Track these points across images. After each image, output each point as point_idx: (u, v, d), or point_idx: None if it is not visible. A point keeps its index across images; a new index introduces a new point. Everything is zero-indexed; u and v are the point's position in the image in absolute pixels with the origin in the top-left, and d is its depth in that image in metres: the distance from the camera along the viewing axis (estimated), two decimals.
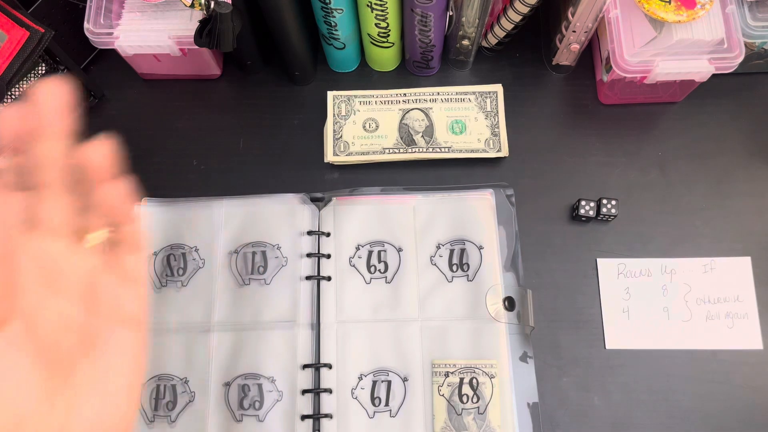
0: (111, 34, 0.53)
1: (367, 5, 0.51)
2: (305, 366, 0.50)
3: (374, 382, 0.50)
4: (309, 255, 0.53)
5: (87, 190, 0.32)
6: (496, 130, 0.57)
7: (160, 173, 0.58)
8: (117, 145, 0.33)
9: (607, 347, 0.52)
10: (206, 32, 0.48)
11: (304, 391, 0.50)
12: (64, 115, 0.30)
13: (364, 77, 0.61)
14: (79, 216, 0.31)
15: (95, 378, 0.30)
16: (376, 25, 0.53)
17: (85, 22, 0.53)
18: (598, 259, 0.54)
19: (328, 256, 0.53)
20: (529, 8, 0.53)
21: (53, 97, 0.29)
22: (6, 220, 0.28)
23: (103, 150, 0.33)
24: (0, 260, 0.27)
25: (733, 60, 0.50)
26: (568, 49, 0.56)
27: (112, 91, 0.61)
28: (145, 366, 0.32)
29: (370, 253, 0.54)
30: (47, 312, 0.29)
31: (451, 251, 0.53)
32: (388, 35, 0.55)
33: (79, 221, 0.31)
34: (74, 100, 0.30)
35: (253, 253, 0.53)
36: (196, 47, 0.49)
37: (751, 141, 0.57)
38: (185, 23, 0.53)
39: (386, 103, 0.58)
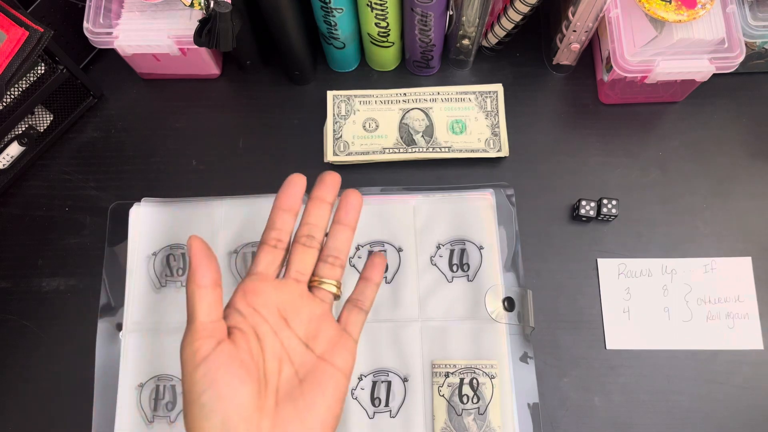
0: (110, 33, 0.53)
1: (367, 5, 0.51)
2: None
3: (374, 383, 0.50)
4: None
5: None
6: (496, 129, 0.57)
7: (160, 173, 0.58)
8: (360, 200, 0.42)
9: (607, 347, 0.52)
10: (206, 32, 0.48)
11: None
12: (335, 188, 0.41)
13: (364, 77, 0.61)
14: (320, 264, 0.40)
15: (300, 409, 0.35)
16: (376, 24, 0.53)
17: (85, 22, 0.53)
18: (599, 259, 0.54)
19: None
20: (529, 8, 0.53)
21: (331, 176, 0.40)
22: (267, 269, 0.38)
23: (357, 202, 0.41)
24: (253, 294, 0.37)
25: (734, 60, 0.50)
26: (569, 48, 0.56)
27: (111, 90, 0.61)
28: (342, 410, 0.37)
29: (370, 252, 0.54)
30: (276, 341, 0.36)
31: (452, 251, 0.53)
32: (388, 35, 0.55)
33: (321, 270, 0.40)
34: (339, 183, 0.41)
35: (253, 253, 0.53)
36: (196, 47, 0.49)
37: (752, 141, 0.57)
38: (185, 23, 0.53)
39: (386, 102, 0.58)
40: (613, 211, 0.54)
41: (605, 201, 0.54)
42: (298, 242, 0.39)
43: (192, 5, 0.46)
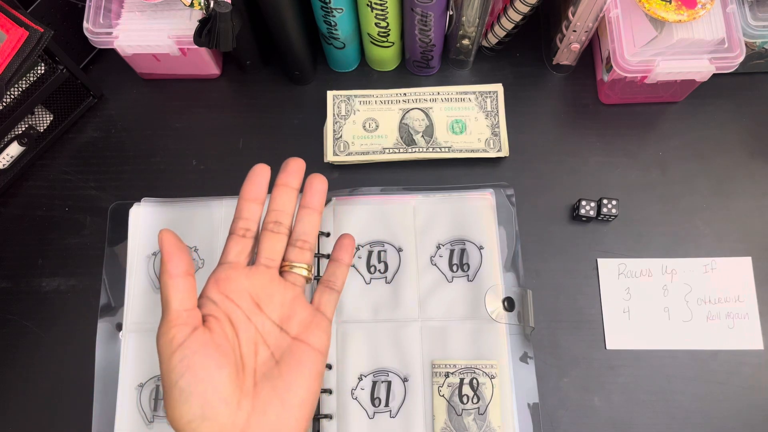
0: (110, 33, 0.53)
1: (367, 5, 0.51)
2: None
3: (374, 383, 0.50)
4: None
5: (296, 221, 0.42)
6: (496, 129, 0.57)
7: (160, 173, 0.58)
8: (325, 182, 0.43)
9: (607, 347, 0.52)
10: (206, 32, 0.48)
11: None
12: (300, 174, 0.42)
13: (364, 77, 0.61)
14: (289, 249, 0.41)
15: (278, 389, 0.36)
16: (376, 24, 0.53)
17: (85, 22, 0.53)
18: (599, 259, 0.54)
19: (328, 256, 0.53)
20: (529, 8, 0.53)
21: (294, 162, 0.42)
22: (237, 257, 0.39)
23: (321, 186, 0.43)
24: (225, 281, 0.38)
25: (734, 60, 0.50)
26: (569, 48, 0.56)
27: (111, 90, 0.61)
28: (320, 388, 0.38)
29: (370, 253, 0.54)
30: (250, 326, 0.37)
31: (452, 251, 0.53)
32: (388, 35, 0.55)
33: (290, 255, 0.41)
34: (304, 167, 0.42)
35: None
36: (196, 47, 0.49)
37: (752, 141, 0.57)
38: (185, 23, 0.53)
39: (386, 102, 0.58)
40: (613, 211, 0.54)
41: (605, 201, 0.54)
42: (266, 229, 0.41)
43: (192, 5, 0.46)
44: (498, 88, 0.58)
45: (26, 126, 0.57)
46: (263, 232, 0.41)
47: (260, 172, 0.41)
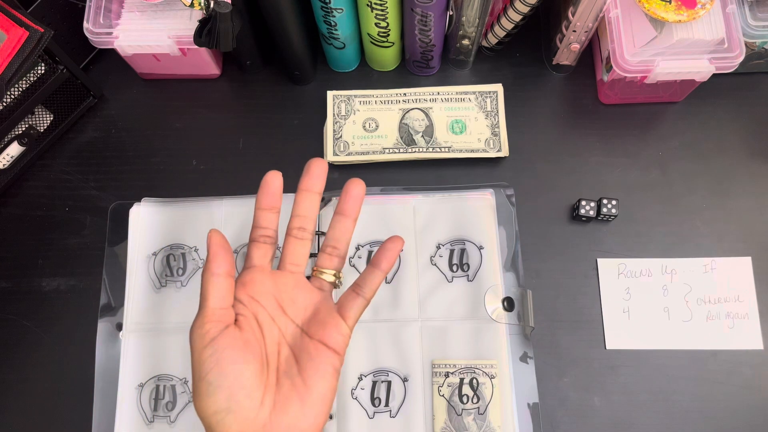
0: (110, 33, 0.53)
1: (367, 5, 0.51)
2: None
3: (374, 383, 0.50)
4: (309, 255, 0.53)
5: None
6: (496, 129, 0.57)
7: (160, 173, 0.58)
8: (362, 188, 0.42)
9: (607, 347, 0.52)
10: (206, 32, 0.48)
11: None
12: (322, 177, 0.42)
13: (364, 77, 0.61)
14: (320, 254, 0.42)
15: (298, 387, 0.37)
16: (376, 24, 0.53)
17: (85, 22, 0.53)
18: (599, 259, 0.54)
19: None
20: (529, 8, 0.53)
21: (317, 165, 0.41)
22: (261, 261, 0.40)
23: (359, 192, 0.42)
24: (251, 284, 0.39)
25: (734, 60, 0.50)
26: (569, 48, 0.56)
27: (111, 90, 0.61)
28: (336, 387, 0.39)
29: (370, 253, 0.54)
30: (275, 327, 0.39)
31: (451, 251, 0.53)
32: (388, 35, 0.55)
33: (320, 260, 0.42)
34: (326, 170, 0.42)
35: None
36: (196, 47, 0.49)
37: (752, 140, 0.57)
38: (185, 23, 0.53)
39: (386, 102, 0.58)
40: (613, 211, 0.54)
41: (605, 201, 0.54)
42: (290, 235, 0.41)
43: (192, 5, 0.46)
44: (498, 88, 0.58)
45: (26, 126, 0.57)
46: (287, 237, 0.41)
47: (273, 180, 0.41)
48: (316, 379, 0.37)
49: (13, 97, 0.52)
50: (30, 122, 0.57)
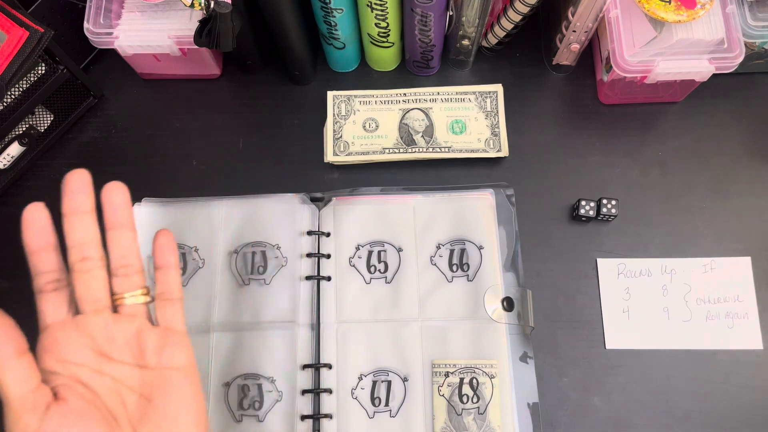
0: (111, 33, 0.53)
1: (367, 5, 0.51)
2: (305, 366, 0.50)
3: (374, 382, 0.50)
4: (309, 255, 0.53)
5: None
6: (496, 130, 0.57)
7: (160, 173, 0.58)
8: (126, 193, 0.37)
9: (607, 347, 0.52)
10: (206, 32, 0.48)
11: (304, 392, 0.50)
12: (86, 191, 0.36)
13: (364, 77, 0.61)
14: (113, 281, 0.36)
15: (161, 425, 0.34)
16: (376, 24, 0.53)
17: (85, 22, 0.53)
18: (598, 259, 0.54)
19: (328, 256, 0.53)
20: (529, 8, 0.53)
21: (73, 179, 0.36)
22: (56, 317, 0.34)
23: (120, 198, 0.37)
24: (55, 347, 0.33)
25: (734, 60, 0.50)
26: (569, 48, 0.56)
27: (111, 91, 0.61)
28: (203, 400, 0.36)
29: (370, 253, 0.54)
30: (105, 378, 0.34)
31: (451, 251, 0.53)
32: (388, 35, 0.55)
33: (116, 287, 0.36)
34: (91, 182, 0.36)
35: (253, 253, 0.53)
36: (196, 47, 0.49)
37: (752, 141, 0.57)
38: (185, 23, 0.53)
39: (386, 102, 0.58)
40: (613, 211, 0.54)
41: (605, 201, 0.54)
42: (75, 270, 0.35)
43: (192, 5, 0.46)
44: (498, 88, 0.58)
45: (27, 126, 0.57)
46: (72, 274, 0.35)
47: (34, 215, 0.35)
48: (177, 408, 0.34)
49: (13, 97, 0.52)
50: (30, 122, 0.57)
